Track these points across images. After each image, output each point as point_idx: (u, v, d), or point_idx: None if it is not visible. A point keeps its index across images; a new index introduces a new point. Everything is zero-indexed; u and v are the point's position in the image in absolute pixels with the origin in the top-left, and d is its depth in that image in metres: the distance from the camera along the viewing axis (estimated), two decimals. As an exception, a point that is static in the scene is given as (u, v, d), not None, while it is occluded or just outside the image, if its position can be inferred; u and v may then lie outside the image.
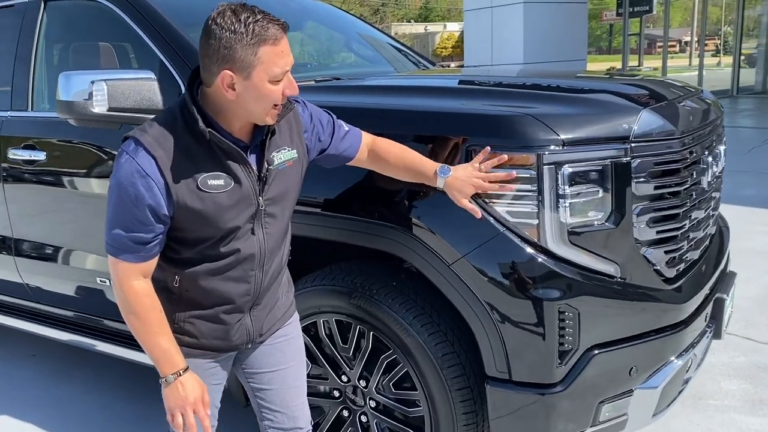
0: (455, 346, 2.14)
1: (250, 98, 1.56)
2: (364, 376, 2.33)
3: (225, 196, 1.63)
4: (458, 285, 2.00)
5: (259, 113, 1.60)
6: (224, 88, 1.54)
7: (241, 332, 1.82)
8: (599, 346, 2.01)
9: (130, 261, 1.62)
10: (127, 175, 1.56)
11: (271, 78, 1.55)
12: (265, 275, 1.79)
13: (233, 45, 1.51)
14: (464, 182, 1.92)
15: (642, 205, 2.05)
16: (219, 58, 1.52)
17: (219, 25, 1.51)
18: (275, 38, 1.54)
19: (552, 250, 1.94)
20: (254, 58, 1.52)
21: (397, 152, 1.98)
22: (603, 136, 2.00)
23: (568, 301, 1.93)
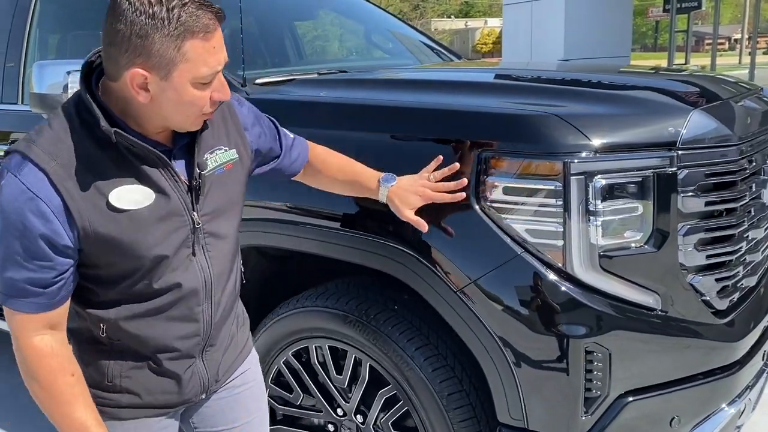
0: (464, 384, 1.84)
1: (167, 104, 1.22)
2: (361, 411, 2.04)
3: (146, 213, 1.27)
4: (467, 315, 1.69)
5: (179, 121, 1.27)
6: (134, 89, 1.20)
7: (194, 381, 1.46)
8: (634, 392, 1.69)
9: (27, 311, 1.24)
10: (10, 199, 1.19)
11: (198, 80, 1.21)
12: (215, 309, 1.43)
13: (150, 34, 1.15)
14: (408, 191, 1.66)
15: (689, 224, 1.71)
16: (129, 49, 1.16)
17: (132, 4, 1.15)
18: (207, 30, 1.19)
19: (579, 276, 1.62)
20: (177, 54, 1.18)
21: (336, 162, 1.72)
22: (644, 141, 1.67)
23: (597, 338, 1.61)
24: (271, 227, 2.03)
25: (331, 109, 1.99)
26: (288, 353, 2.11)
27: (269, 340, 2.13)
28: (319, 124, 1.93)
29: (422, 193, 1.66)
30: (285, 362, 2.14)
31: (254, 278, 2.29)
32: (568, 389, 1.63)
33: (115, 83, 1.22)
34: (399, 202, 1.66)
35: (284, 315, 2.08)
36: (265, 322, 2.15)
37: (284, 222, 1.98)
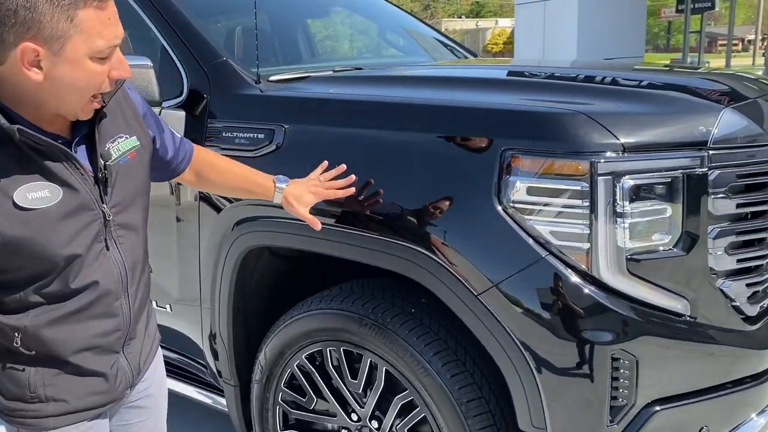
0: (483, 391, 1.78)
1: (62, 82, 1.13)
2: (376, 416, 1.99)
3: (55, 210, 1.19)
4: (488, 320, 1.64)
5: (72, 103, 1.18)
6: (25, 67, 1.11)
7: (120, 377, 1.40)
8: (661, 401, 1.63)
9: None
10: None
11: (94, 53, 1.14)
12: (133, 301, 1.37)
13: (38, 4, 1.07)
14: (303, 191, 1.71)
15: (720, 227, 1.65)
16: (17, 22, 1.07)
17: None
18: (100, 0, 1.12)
19: (605, 280, 1.56)
20: (69, 25, 1.10)
21: (227, 165, 1.73)
22: (674, 141, 1.61)
23: (624, 345, 1.55)
24: (286, 227, 1.98)
25: (348, 107, 1.94)
26: (302, 356, 2.06)
27: (282, 342, 2.08)
28: (336, 122, 1.88)
29: (315, 191, 1.71)
30: (299, 365, 2.09)
31: (265, 279, 2.25)
32: (593, 397, 1.57)
33: (2, 67, 1.12)
34: (295, 201, 1.69)
35: (298, 317, 2.03)
36: (278, 324, 2.10)
37: (301, 222, 1.93)
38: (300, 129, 1.96)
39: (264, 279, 2.24)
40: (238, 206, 2.07)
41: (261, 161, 2.01)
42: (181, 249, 2.28)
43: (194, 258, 2.24)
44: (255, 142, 2.04)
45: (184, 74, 2.28)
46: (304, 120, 1.97)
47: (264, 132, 2.02)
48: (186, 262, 2.27)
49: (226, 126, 2.12)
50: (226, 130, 2.12)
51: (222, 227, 2.11)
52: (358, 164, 1.79)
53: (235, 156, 2.07)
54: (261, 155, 2.01)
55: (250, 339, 2.27)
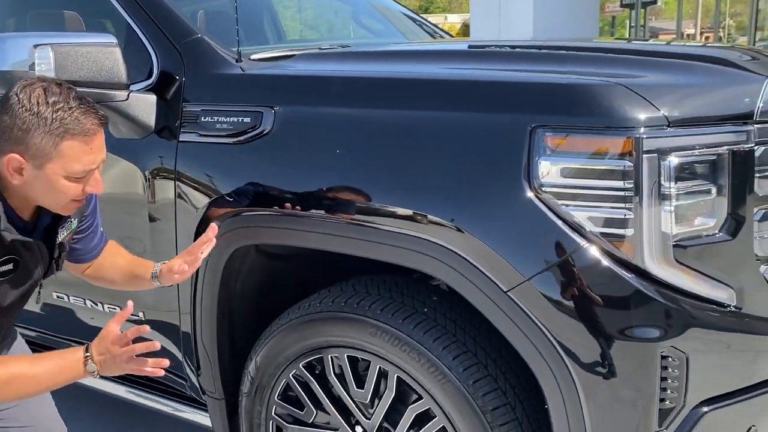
0: (509, 397, 1.61)
1: (38, 189, 1.40)
2: (385, 429, 1.80)
3: (13, 280, 1.47)
4: (519, 318, 1.46)
5: (49, 205, 1.46)
6: (8, 171, 1.37)
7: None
8: (710, 401, 1.48)
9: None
10: None
11: (69, 175, 1.38)
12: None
13: (32, 129, 1.34)
14: (174, 260, 1.72)
15: (766, 209, 1.51)
16: (11, 138, 1.35)
17: (21, 101, 1.34)
18: (86, 133, 1.37)
19: (650, 270, 1.40)
20: (53, 150, 1.35)
21: (117, 254, 1.82)
22: (718, 114, 1.47)
23: (674, 341, 1.40)
24: (278, 222, 1.77)
25: (355, 84, 1.74)
26: (299, 364, 1.86)
27: (276, 349, 1.87)
28: (340, 102, 1.68)
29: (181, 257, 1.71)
30: (295, 375, 1.88)
31: (252, 281, 2.03)
32: (640, 400, 1.41)
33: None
34: (167, 270, 1.70)
35: (294, 321, 1.82)
36: (270, 329, 1.89)
37: (297, 216, 1.72)
38: (294, 111, 1.76)
39: (250, 281, 2.02)
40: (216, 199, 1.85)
41: (248, 149, 1.80)
42: (156, 250, 2.03)
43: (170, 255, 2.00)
44: (239, 126, 1.82)
45: (153, 54, 2.05)
46: (300, 100, 1.76)
47: (250, 115, 1.81)
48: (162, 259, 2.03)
49: (205, 110, 1.90)
50: (204, 114, 1.90)
51: (202, 226, 1.88)
52: (367, 147, 1.60)
53: (217, 143, 1.87)
54: (247, 141, 1.80)
55: (236, 347, 2.05)
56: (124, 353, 1.43)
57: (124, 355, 1.44)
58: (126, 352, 1.43)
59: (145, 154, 2.01)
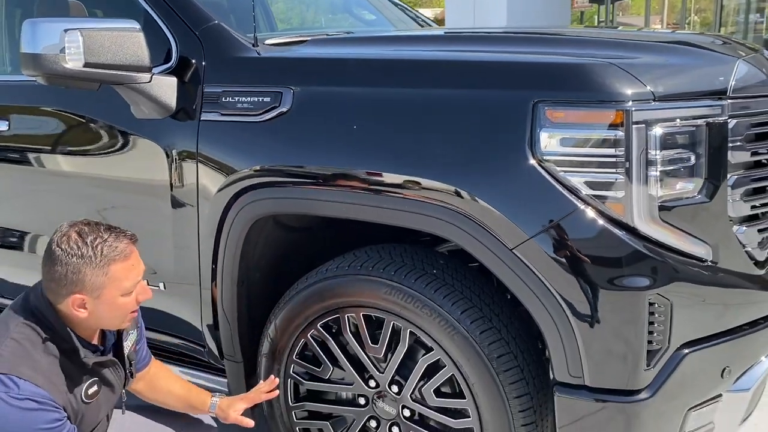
0: (511, 347, 1.79)
1: (103, 315, 1.61)
2: (396, 381, 1.97)
3: (102, 399, 1.71)
4: (524, 273, 1.64)
5: (114, 324, 1.68)
6: (75, 309, 1.58)
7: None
8: (690, 344, 1.68)
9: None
10: (24, 407, 1.50)
11: (123, 292, 1.60)
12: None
13: (82, 269, 1.55)
14: (235, 400, 2.02)
15: (737, 175, 1.71)
16: (67, 283, 1.55)
17: (65, 250, 1.54)
18: (125, 254, 1.59)
19: (639, 228, 1.59)
20: (105, 279, 1.56)
21: (174, 382, 2.06)
22: (697, 90, 1.66)
23: (660, 290, 1.59)
24: (300, 193, 1.92)
25: (369, 66, 1.89)
26: (316, 325, 2.01)
27: (295, 311, 2.02)
28: (356, 82, 1.84)
29: (247, 399, 2.01)
30: (313, 335, 2.04)
31: (269, 251, 2.18)
32: (632, 343, 1.60)
33: (60, 306, 1.60)
34: (227, 407, 1.99)
35: (313, 285, 1.98)
36: (289, 293, 2.05)
37: (319, 188, 1.88)
38: (312, 90, 1.91)
39: (267, 251, 2.17)
40: (240, 175, 1.99)
41: (269, 125, 1.95)
42: (177, 223, 2.17)
43: (192, 232, 2.14)
44: (260, 105, 1.96)
45: (172, 39, 2.17)
46: (318, 81, 1.91)
47: (270, 95, 1.95)
48: (182, 236, 2.17)
49: (226, 91, 2.04)
50: (225, 95, 2.03)
51: (224, 198, 2.03)
52: (383, 123, 1.76)
53: (238, 122, 2.00)
54: (268, 119, 1.95)
55: (252, 313, 2.20)
56: None
57: None
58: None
59: (167, 133, 2.14)
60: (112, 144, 2.28)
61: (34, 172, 2.53)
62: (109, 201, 2.38)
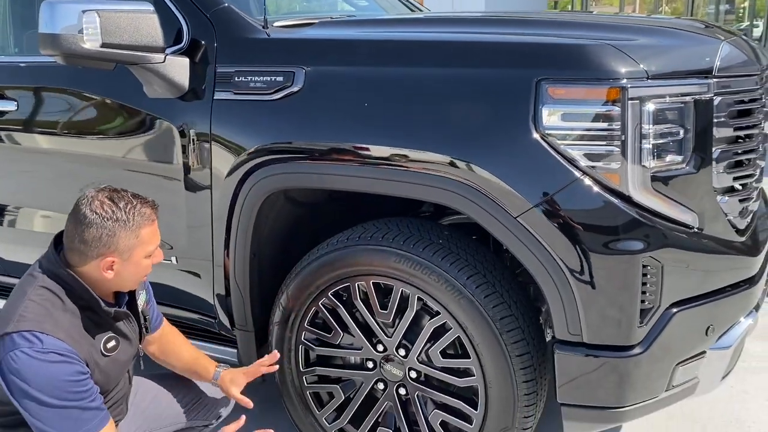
0: (512, 309, 1.93)
1: (127, 275, 1.72)
2: (403, 345, 2.09)
3: (119, 353, 1.78)
4: (527, 240, 1.77)
5: (133, 284, 1.80)
6: (103, 271, 1.67)
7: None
8: (678, 303, 1.83)
9: (104, 426, 1.65)
10: (50, 360, 1.57)
11: (147, 254, 1.73)
12: (128, 403, 1.96)
13: (117, 232, 1.64)
14: (237, 373, 2.06)
15: (721, 149, 1.86)
16: (101, 245, 1.64)
17: (99, 214, 1.63)
18: (152, 219, 1.72)
19: (634, 197, 1.73)
20: (135, 241, 1.68)
21: (185, 348, 2.14)
22: (686, 69, 1.80)
23: (653, 253, 1.73)
24: (309, 168, 2.02)
25: (379, 46, 2.00)
26: (327, 294, 2.12)
27: (306, 282, 2.13)
28: (366, 62, 1.94)
29: (247, 372, 2.06)
30: (323, 303, 2.15)
31: (278, 226, 2.28)
32: (627, 302, 1.74)
33: (85, 269, 1.69)
34: (229, 381, 2.05)
35: (324, 255, 2.09)
36: (301, 263, 2.15)
37: (328, 160, 1.98)
38: (324, 70, 2.00)
39: (277, 225, 2.27)
40: (254, 151, 2.08)
41: (282, 103, 2.04)
42: (191, 199, 2.25)
43: (206, 207, 2.23)
44: (273, 84, 2.06)
45: (183, 22, 2.24)
46: (329, 61, 2.01)
47: (283, 75, 2.04)
48: (196, 212, 2.25)
49: (239, 71, 2.12)
50: (238, 75, 2.12)
51: (238, 174, 2.12)
52: (393, 101, 1.87)
53: (251, 101, 2.10)
54: (281, 97, 2.04)
55: (263, 284, 2.30)
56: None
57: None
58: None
59: (180, 112, 2.21)
60: (125, 123, 2.35)
61: (44, 152, 2.59)
62: (123, 179, 2.44)
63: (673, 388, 1.90)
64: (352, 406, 2.21)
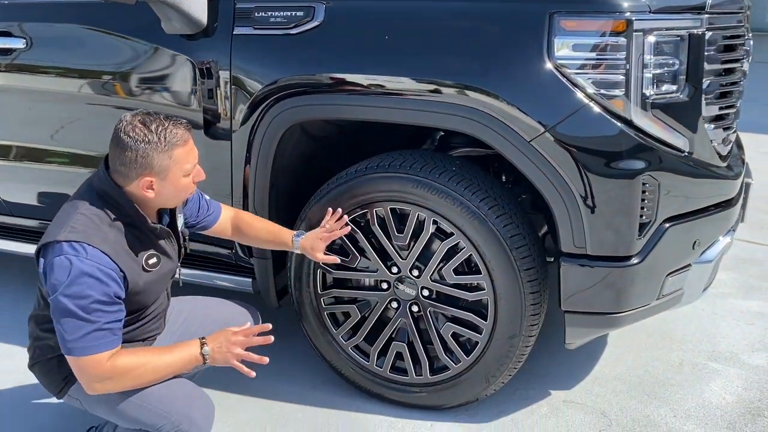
0: (520, 229, 2.10)
1: (168, 194, 1.82)
2: (416, 266, 2.26)
3: (160, 270, 1.89)
4: (539, 161, 1.94)
5: (176, 202, 1.91)
6: (144, 190, 1.77)
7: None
8: (670, 219, 2.03)
9: (115, 347, 1.72)
10: (89, 272, 1.67)
11: (185, 173, 1.80)
12: (166, 319, 2.09)
13: (150, 154, 1.73)
14: (315, 239, 2.16)
15: (710, 80, 2.05)
16: (137, 166, 1.73)
17: (132, 137, 1.71)
18: (184, 140, 1.78)
19: (635, 122, 1.91)
20: (170, 162, 1.76)
21: (258, 225, 2.23)
22: (682, 5, 1.97)
23: (650, 172, 1.93)
24: (329, 99, 2.14)
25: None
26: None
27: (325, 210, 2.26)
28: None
29: (323, 237, 2.16)
30: (342, 229, 2.29)
31: (294, 159, 2.40)
32: (628, 216, 1.94)
33: (129, 188, 1.79)
34: (310, 248, 2.16)
35: (343, 183, 2.22)
36: (320, 192, 2.28)
37: (349, 92, 2.10)
38: (342, 5, 2.11)
39: (294, 158, 2.39)
40: (274, 85, 2.19)
41: (302, 37, 2.14)
42: (210, 134, 2.34)
43: (225, 142, 2.32)
44: (293, 19, 2.15)
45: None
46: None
47: (304, 9, 2.14)
48: (216, 146, 2.34)
49: (258, 6, 2.21)
50: (257, 10, 2.20)
51: (258, 107, 2.22)
52: (413, 34, 2.00)
53: (271, 35, 2.19)
54: (301, 31, 2.14)
55: (279, 214, 2.42)
56: (242, 343, 1.80)
57: (240, 344, 1.79)
58: (243, 342, 1.80)
59: (199, 48, 2.30)
60: (142, 60, 2.41)
61: (55, 92, 2.62)
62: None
63: (662, 297, 2.13)
64: (367, 325, 2.38)
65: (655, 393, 2.46)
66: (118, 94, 2.49)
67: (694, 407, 2.38)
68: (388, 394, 2.41)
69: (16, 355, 2.78)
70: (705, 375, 2.57)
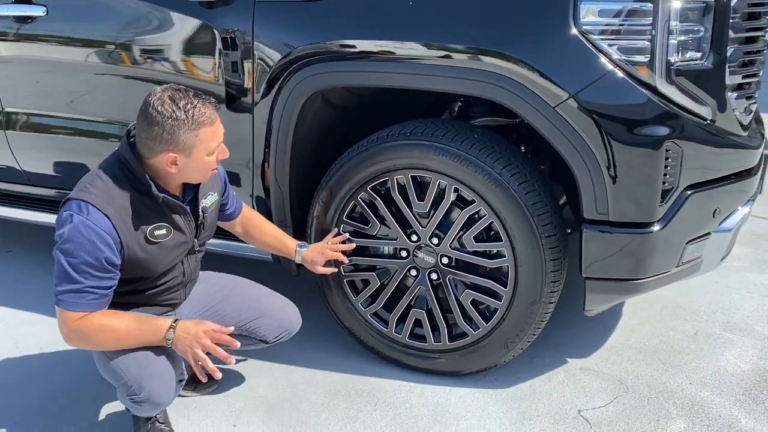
0: (542, 196, 2.12)
1: (191, 170, 1.85)
2: (435, 234, 2.27)
3: (168, 242, 1.92)
4: (563, 127, 1.94)
5: (199, 178, 1.91)
6: (167, 165, 1.80)
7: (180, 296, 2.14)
8: (692, 186, 2.04)
9: (89, 310, 1.78)
10: (84, 233, 1.73)
11: (209, 152, 1.83)
12: (187, 291, 2.15)
13: (176, 131, 1.75)
14: (316, 253, 2.27)
15: (734, 48, 2.05)
16: (162, 141, 1.76)
17: (160, 112, 1.73)
18: (211, 119, 1.80)
19: (659, 88, 1.91)
20: (195, 140, 1.78)
21: (268, 230, 2.34)
22: (708, -28, 1.96)
23: (674, 139, 1.93)
24: (351, 66, 2.14)
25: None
26: (366, 188, 2.28)
27: (346, 177, 2.27)
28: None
29: (327, 253, 2.28)
30: (362, 197, 2.30)
31: (314, 128, 2.41)
32: (651, 182, 1.94)
33: (153, 161, 1.82)
34: (310, 261, 2.28)
35: (364, 151, 2.23)
36: (341, 160, 2.29)
37: (374, 59, 2.10)
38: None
39: (314, 126, 2.39)
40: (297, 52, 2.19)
41: (326, 4, 2.15)
42: (231, 102, 2.35)
43: (247, 110, 2.33)
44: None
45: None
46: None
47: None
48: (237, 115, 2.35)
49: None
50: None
51: (280, 75, 2.23)
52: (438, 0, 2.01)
53: (294, 1, 2.20)
54: (325, -1, 2.14)
55: (299, 183, 2.44)
56: (207, 346, 1.81)
57: (205, 345, 1.81)
58: (207, 347, 1.81)
59: (220, 15, 2.30)
60: (163, 28, 2.42)
61: (75, 61, 2.63)
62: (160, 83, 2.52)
63: (682, 265, 2.14)
64: (386, 292, 2.40)
65: (671, 361, 2.49)
66: (138, 63, 2.50)
67: (710, 375, 2.40)
68: (407, 360, 2.44)
69: (38, 322, 2.81)
70: (720, 344, 2.60)
